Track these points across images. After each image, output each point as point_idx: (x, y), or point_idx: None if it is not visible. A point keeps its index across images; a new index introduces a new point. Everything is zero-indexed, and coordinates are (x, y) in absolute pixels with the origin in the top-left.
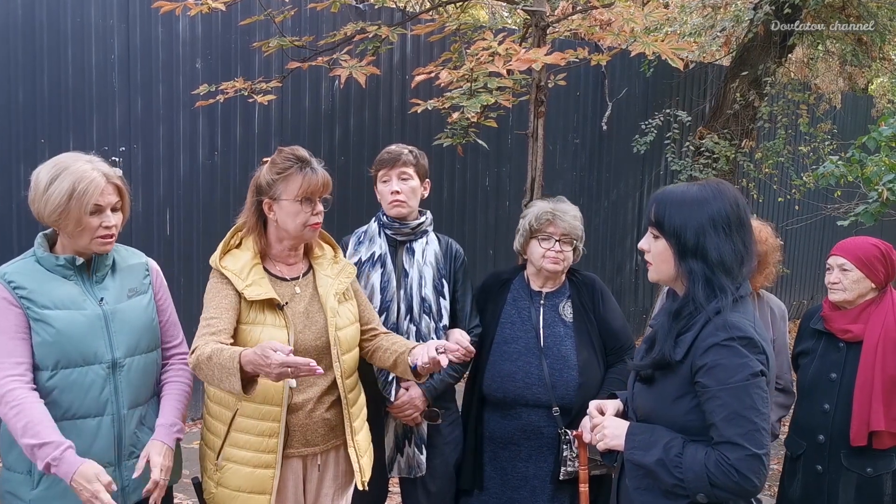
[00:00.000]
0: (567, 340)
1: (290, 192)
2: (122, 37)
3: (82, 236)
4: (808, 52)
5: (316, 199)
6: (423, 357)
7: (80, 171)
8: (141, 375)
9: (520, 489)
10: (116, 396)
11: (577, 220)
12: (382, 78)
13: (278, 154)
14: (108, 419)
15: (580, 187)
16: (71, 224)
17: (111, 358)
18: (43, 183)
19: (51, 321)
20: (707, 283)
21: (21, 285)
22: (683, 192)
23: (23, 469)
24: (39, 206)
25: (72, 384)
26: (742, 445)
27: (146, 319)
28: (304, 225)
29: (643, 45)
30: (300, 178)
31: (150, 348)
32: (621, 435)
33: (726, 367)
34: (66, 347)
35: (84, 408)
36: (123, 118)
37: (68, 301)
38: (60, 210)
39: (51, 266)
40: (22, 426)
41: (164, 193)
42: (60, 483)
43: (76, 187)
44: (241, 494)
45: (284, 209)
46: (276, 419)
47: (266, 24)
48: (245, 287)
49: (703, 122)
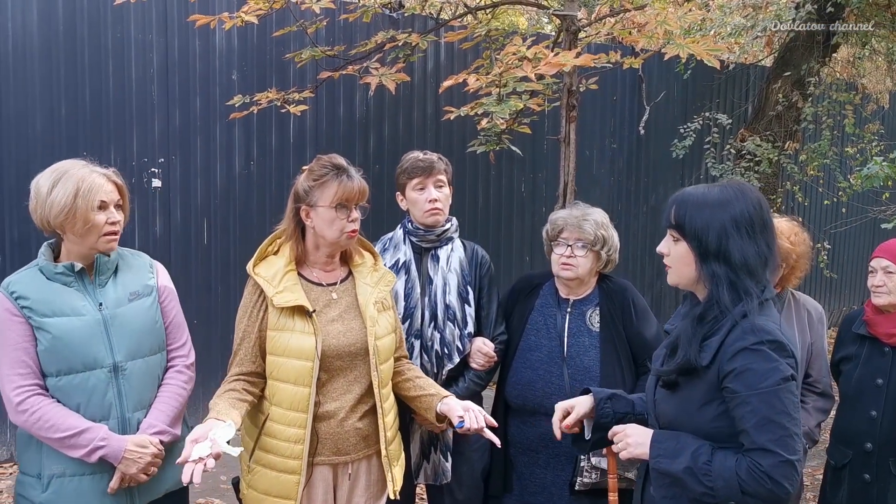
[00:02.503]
0: (591, 351)
1: (326, 198)
2: (160, 50)
3: (90, 234)
4: (854, 51)
5: (352, 207)
6: (472, 422)
7: (81, 172)
8: (144, 378)
9: (537, 495)
10: (120, 400)
11: (596, 225)
12: (416, 85)
13: (316, 161)
14: (114, 422)
15: (618, 193)
16: (79, 223)
17: (112, 362)
18: (45, 188)
19: (50, 328)
20: (731, 287)
21: (23, 295)
22: (704, 193)
23: (34, 473)
24: (44, 210)
25: (75, 389)
26: (775, 452)
27: (148, 322)
28: (341, 232)
29: (677, 46)
30: (336, 185)
31: (153, 351)
32: (645, 443)
33: (756, 372)
34: (65, 353)
35: (89, 412)
36: (162, 130)
37: (67, 308)
38: (67, 209)
39: (51, 274)
40: (50, 425)
41: (202, 202)
42: (68, 486)
43: (81, 186)
44: (269, 498)
45: (321, 216)
46: (302, 426)
47: (300, 35)
48: (275, 293)
49: (745, 124)
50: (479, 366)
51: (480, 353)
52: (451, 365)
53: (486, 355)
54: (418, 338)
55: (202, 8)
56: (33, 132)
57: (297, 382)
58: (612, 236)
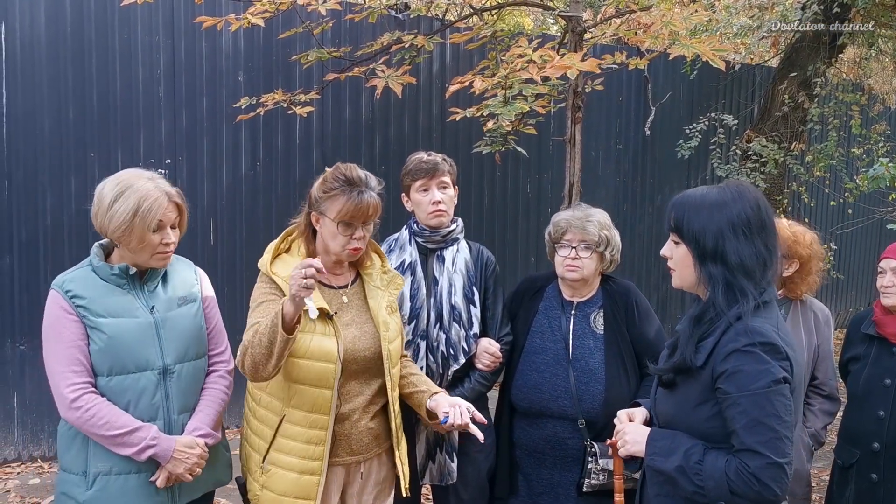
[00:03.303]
0: (596, 353)
1: (332, 212)
2: (167, 52)
3: (143, 252)
4: (860, 51)
5: (357, 225)
6: (455, 418)
7: (145, 189)
8: (190, 382)
9: (544, 495)
10: (167, 402)
11: (599, 226)
12: (422, 87)
13: (333, 170)
14: (160, 423)
15: (623, 193)
16: (134, 241)
17: (162, 364)
18: (108, 199)
19: (104, 329)
20: (727, 288)
21: (78, 294)
22: (702, 195)
23: (78, 471)
24: (103, 221)
25: (126, 389)
26: (762, 454)
27: (195, 327)
28: (343, 248)
29: (682, 47)
30: (343, 201)
31: (198, 355)
32: (642, 441)
33: (747, 374)
34: (119, 354)
35: (137, 412)
36: (169, 131)
37: (121, 309)
38: (125, 227)
39: (106, 276)
40: (104, 422)
41: (209, 204)
42: (113, 485)
43: (141, 205)
44: (287, 499)
45: (327, 227)
46: (324, 427)
47: (307, 37)
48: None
49: (751, 125)
50: (485, 366)
51: (486, 354)
52: (457, 365)
53: (492, 355)
54: (424, 338)
55: (208, 10)
56: (41, 133)
57: (319, 385)
58: (615, 236)
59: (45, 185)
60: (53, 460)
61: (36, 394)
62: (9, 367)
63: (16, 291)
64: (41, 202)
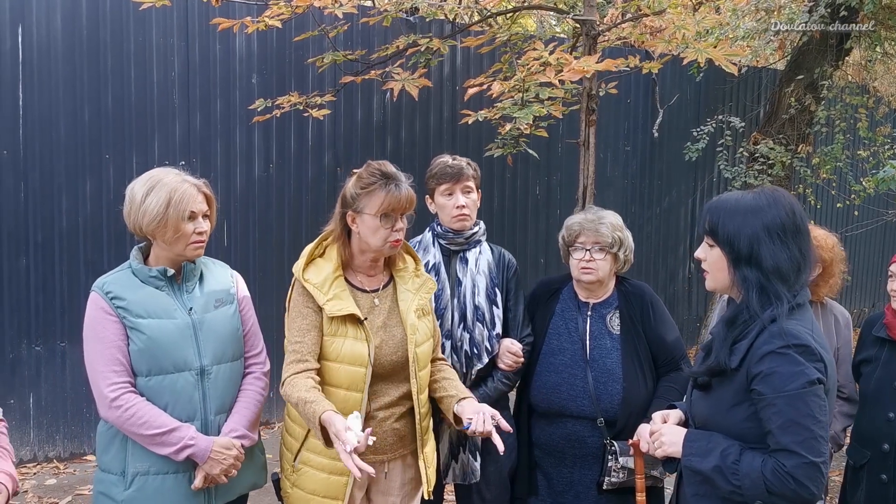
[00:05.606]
0: (613, 353)
1: (372, 207)
2: (181, 55)
3: (178, 242)
4: (866, 54)
5: (397, 216)
6: (478, 425)
7: (174, 182)
8: (227, 383)
9: (565, 493)
10: (204, 403)
11: (612, 228)
12: (433, 89)
13: (366, 168)
14: (198, 423)
15: (631, 195)
16: (169, 231)
17: (199, 365)
18: (139, 195)
19: (144, 329)
20: (762, 291)
21: (118, 296)
22: (738, 199)
23: (117, 470)
24: (137, 217)
25: (165, 389)
26: (798, 453)
27: (231, 329)
28: (385, 241)
29: (695, 51)
30: (383, 195)
31: (235, 357)
32: (679, 442)
33: (782, 375)
34: (157, 354)
35: (175, 413)
36: (183, 133)
37: (160, 310)
38: (160, 218)
39: (144, 277)
40: (143, 422)
41: (222, 205)
42: (151, 485)
43: (173, 196)
44: (316, 498)
45: (366, 223)
46: None
47: (319, 39)
48: (326, 301)
49: (758, 128)
50: (507, 366)
51: (508, 354)
52: (481, 365)
53: (514, 355)
54: (448, 338)
55: (223, 13)
56: (57, 136)
57: (350, 388)
58: (627, 237)
59: (61, 187)
60: (69, 460)
61: (51, 394)
62: (24, 367)
63: (31, 292)
64: (56, 204)
